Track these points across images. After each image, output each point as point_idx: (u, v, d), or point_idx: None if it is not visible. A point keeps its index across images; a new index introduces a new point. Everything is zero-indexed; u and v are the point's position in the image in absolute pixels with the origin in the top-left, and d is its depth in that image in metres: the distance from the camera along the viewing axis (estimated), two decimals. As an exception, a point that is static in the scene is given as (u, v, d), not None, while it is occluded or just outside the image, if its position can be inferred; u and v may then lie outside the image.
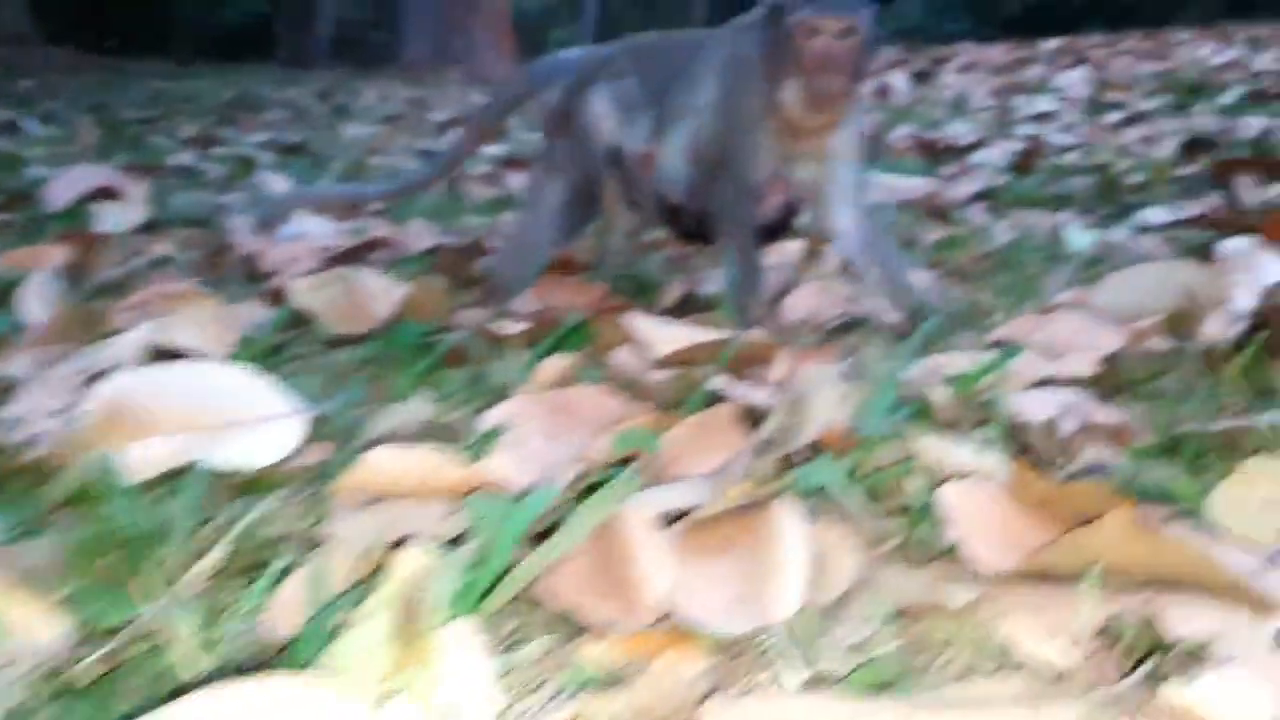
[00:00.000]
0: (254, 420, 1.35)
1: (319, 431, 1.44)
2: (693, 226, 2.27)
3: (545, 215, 2.32)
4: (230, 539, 1.08)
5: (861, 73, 2.09)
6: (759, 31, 2.09)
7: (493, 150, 5.78)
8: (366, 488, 1.10)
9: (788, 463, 1.25)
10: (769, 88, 2.07)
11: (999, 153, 4.68)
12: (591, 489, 1.22)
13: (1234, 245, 2.12)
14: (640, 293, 2.40)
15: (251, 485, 1.28)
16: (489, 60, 16.81)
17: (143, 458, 1.25)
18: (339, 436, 1.42)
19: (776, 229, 2.29)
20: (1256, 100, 6.10)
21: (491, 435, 1.34)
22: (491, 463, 1.14)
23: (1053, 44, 11.16)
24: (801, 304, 2.09)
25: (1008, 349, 1.45)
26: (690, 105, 2.17)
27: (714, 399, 1.46)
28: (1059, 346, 1.65)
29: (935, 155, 4.87)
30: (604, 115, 2.25)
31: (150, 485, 1.24)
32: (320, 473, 1.29)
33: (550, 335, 1.72)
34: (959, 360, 1.55)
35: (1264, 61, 7.42)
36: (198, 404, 1.34)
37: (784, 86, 2.05)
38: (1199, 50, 8.80)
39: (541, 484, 1.11)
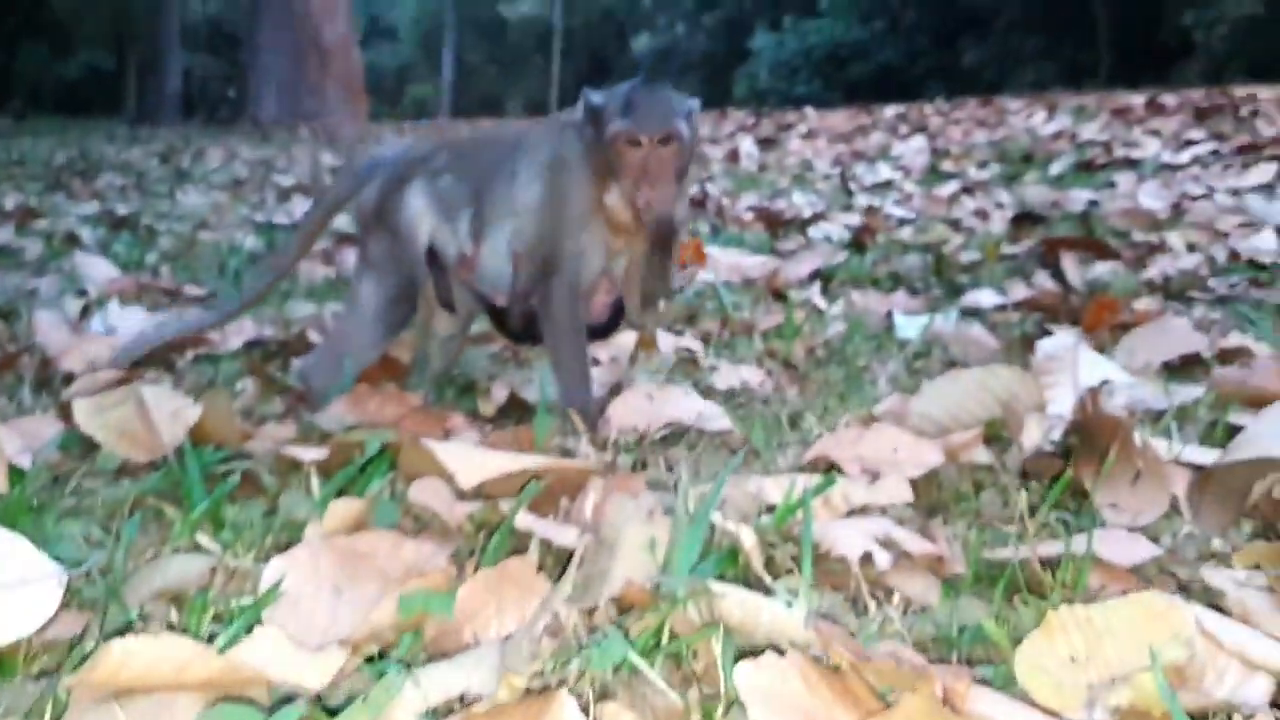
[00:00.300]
0: (3, 587, 1.21)
1: (82, 593, 1.30)
2: (519, 328, 2.20)
3: (363, 315, 2.22)
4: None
5: (683, 174, 2.06)
6: (580, 131, 2.04)
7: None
8: (110, 683, 0.98)
9: (590, 620, 1.18)
10: (594, 190, 2.03)
11: (838, 227, 4.75)
12: (371, 659, 1.13)
13: (1053, 344, 2.14)
14: (461, 396, 2.31)
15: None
16: (341, 118, 16.61)
17: None
18: (103, 599, 1.28)
19: (606, 329, 2.24)
20: (1083, 170, 6.37)
21: (273, 591, 1.23)
22: (251, 650, 1.03)
23: (893, 111, 11.52)
24: (629, 410, 2.02)
25: (819, 483, 1.41)
26: (511, 205, 2.11)
27: (519, 537, 1.38)
28: (877, 464, 1.62)
29: (778, 228, 4.92)
30: (421, 213, 2.17)
31: None
32: (70, 649, 1.16)
33: (351, 463, 1.61)
34: (775, 485, 1.50)
35: (1090, 131, 7.78)
36: (-67, 572, 1.20)
37: (609, 192, 2.01)
38: (1030, 119, 9.19)
39: (311, 673, 1.01)
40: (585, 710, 0.98)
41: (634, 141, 1.92)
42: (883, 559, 1.33)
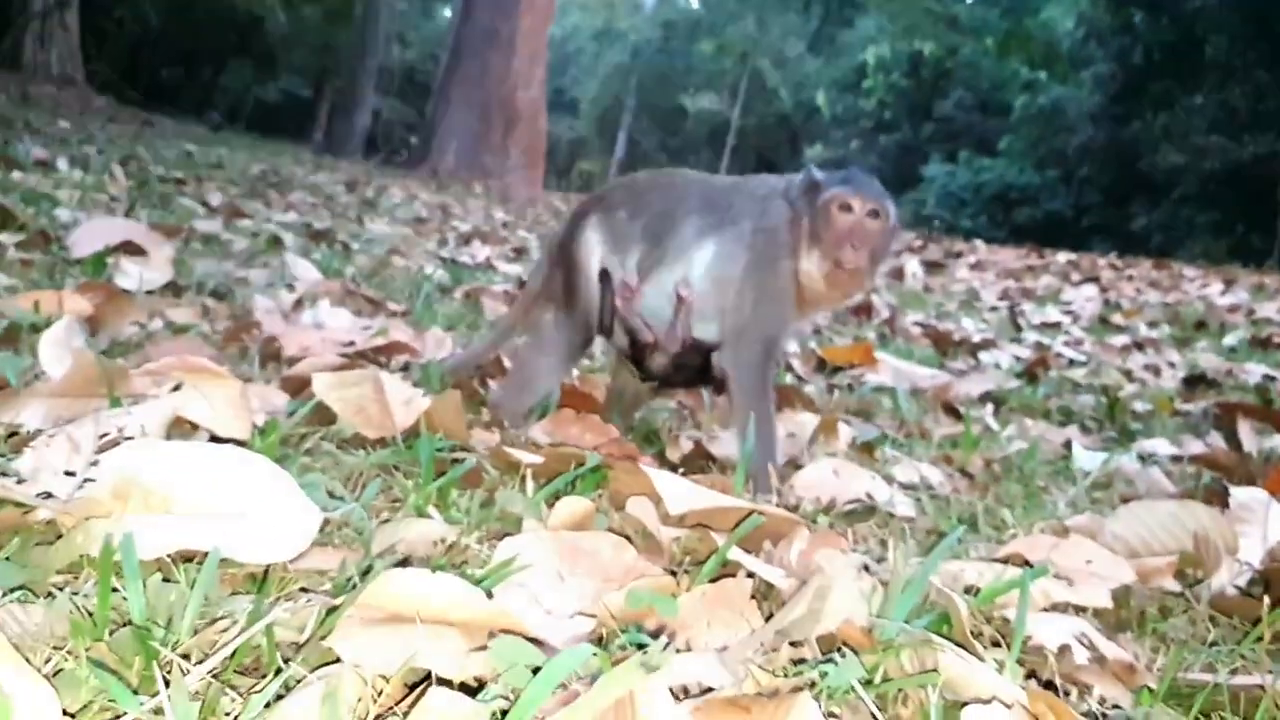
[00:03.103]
0: (267, 513, 1.32)
1: (330, 534, 1.42)
2: (659, 369, 2.27)
3: (542, 344, 2.35)
4: (235, 639, 1.04)
5: (881, 258, 2.18)
6: (794, 201, 2.15)
7: (510, 269, 5.86)
8: (383, 607, 1.07)
9: (800, 652, 1.23)
10: (795, 257, 2.14)
11: (1008, 356, 4.75)
12: (602, 642, 1.21)
13: (1245, 495, 2.13)
14: (648, 440, 2.40)
15: (258, 580, 1.26)
16: (518, 180, 17.15)
17: (152, 536, 1.23)
18: (350, 543, 1.39)
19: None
20: (1258, 346, 6.22)
21: (505, 567, 1.32)
22: (510, 601, 1.11)
23: (1063, 257, 11.43)
24: (814, 481, 2.08)
25: (1034, 569, 1.44)
26: (698, 254, 2.20)
27: (727, 567, 1.45)
28: (1070, 571, 1.64)
29: (946, 347, 4.94)
30: (594, 244, 2.29)
31: (156, 565, 1.22)
32: (330, 579, 1.27)
33: (565, 473, 1.71)
34: (976, 571, 1.54)
35: (1268, 310, 7.59)
36: (212, 488, 1.32)
37: (808, 257, 2.12)
38: (1206, 288, 9.02)
39: (560, 632, 1.09)
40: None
41: (846, 207, 2.06)
42: (1080, 654, 1.35)
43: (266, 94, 40.33)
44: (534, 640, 1.07)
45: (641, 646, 1.14)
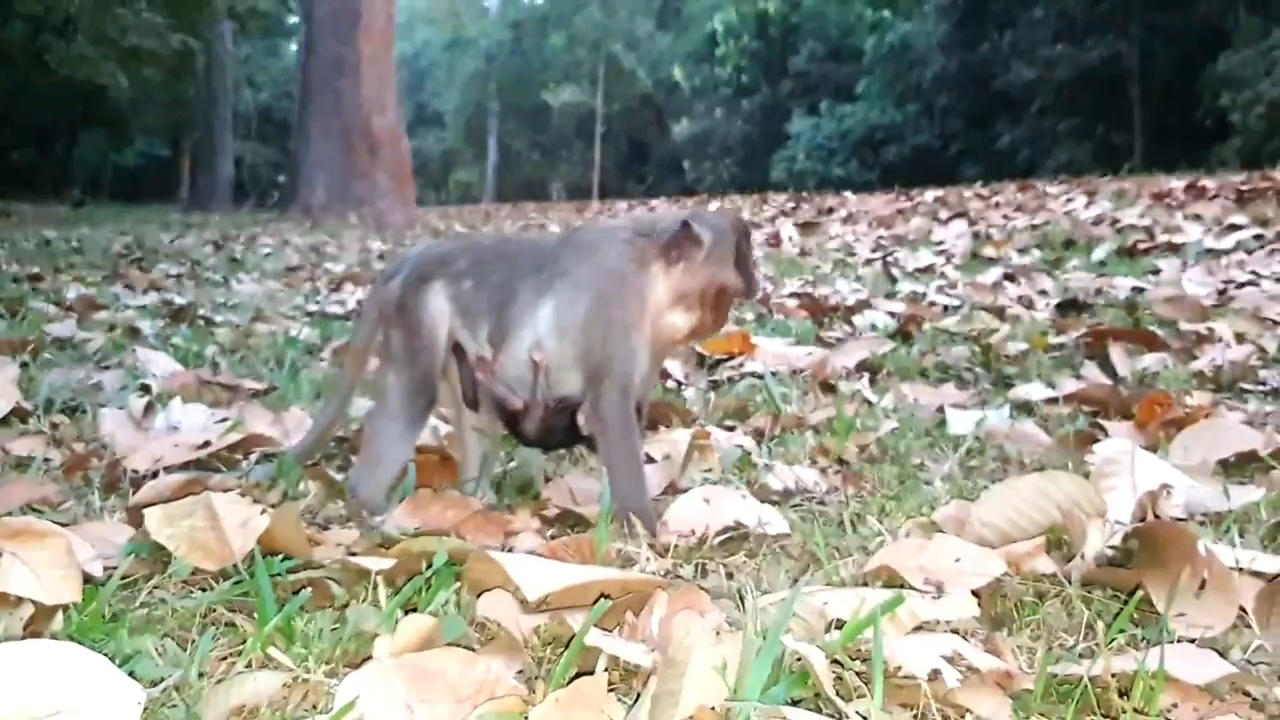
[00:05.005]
0: (83, 705, 1.23)
1: (159, 710, 1.33)
2: (534, 434, 2.24)
3: (388, 409, 2.26)
4: None
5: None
6: (663, 249, 2.14)
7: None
8: (196, 811, 1.00)
9: (661, 741, 1.19)
10: (674, 293, 2.16)
11: (883, 315, 4.78)
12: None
13: (1110, 447, 2.14)
14: (519, 495, 2.34)
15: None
16: (390, 205, 16.93)
17: (-49, 764, 1.13)
18: (183, 716, 1.31)
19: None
20: (1125, 256, 6.37)
21: (348, 710, 1.25)
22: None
23: (931, 195, 11.59)
24: (686, 514, 2.04)
25: (886, 602, 1.41)
26: (545, 318, 2.17)
27: (589, 653, 1.39)
28: (940, 574, 1.62)
29: (822, 315, 4.95)
30: (441, 313, 2.23)
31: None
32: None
33: (417, 573, 1.64)
34: (840, 600, 1.51)
35: (1131, 216, 7.78)
36: (19, 693, 1.23)
37: (713, 286, 2.16)
38: (1070, 204, 9.22)
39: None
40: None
41: (747, 234, 2.22)
42: (951, 677, 1.33)
43: (125, 160, 39.33)
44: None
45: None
